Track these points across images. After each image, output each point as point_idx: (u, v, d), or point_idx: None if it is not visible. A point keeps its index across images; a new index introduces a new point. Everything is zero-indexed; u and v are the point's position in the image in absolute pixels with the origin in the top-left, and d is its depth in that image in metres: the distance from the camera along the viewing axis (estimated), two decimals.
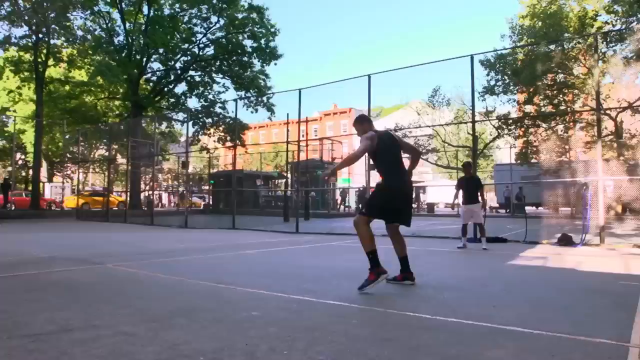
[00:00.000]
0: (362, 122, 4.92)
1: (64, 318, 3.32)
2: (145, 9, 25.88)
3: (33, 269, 5.82)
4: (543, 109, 22.30)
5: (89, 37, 25.39)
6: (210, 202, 30.73)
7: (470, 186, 8.98)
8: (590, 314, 3.59)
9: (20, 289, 4.49)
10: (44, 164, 34.01)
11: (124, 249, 8.64)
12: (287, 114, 19.91)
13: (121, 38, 26.46)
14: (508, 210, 26.39)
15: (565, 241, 9.47)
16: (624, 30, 18.23)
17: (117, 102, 30.02)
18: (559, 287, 4.86)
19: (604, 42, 18.32)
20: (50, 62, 24.66)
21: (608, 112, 20.07)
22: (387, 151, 4.71)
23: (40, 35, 23.77)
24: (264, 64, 27.92)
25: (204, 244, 9.84)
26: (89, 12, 25.00)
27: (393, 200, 4.62)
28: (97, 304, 3.88)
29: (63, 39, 25.05)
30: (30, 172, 34.11)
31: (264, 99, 26.94)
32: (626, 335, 2.95)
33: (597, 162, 9.78)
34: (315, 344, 2.76)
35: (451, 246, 9.36)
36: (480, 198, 9.02)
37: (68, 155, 32.70)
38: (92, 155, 34.32)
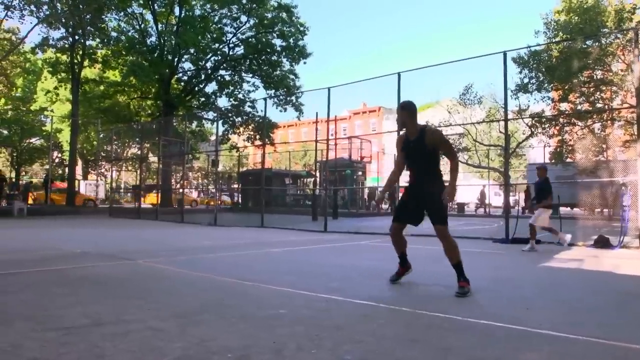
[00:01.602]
0: (404, 109, 4.52)
1: (95, 312, 3.38)
2: (176, 9, 26.36)
3: (66, 263, 5.97)
4: (579, 107, 21.63)
5: (122, 38, 25.99)
6: (239, 200, 31.03)
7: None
8: (627, 320, 3.45)
9: (54, 283, 4.61)
10: (79, 162, 35.06)
11: (153, 246, 8.79)
12: (317, 113, 19.93)
13: (153, 39, 27.05)
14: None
15: (602, 243, 9.14)
16: None
17: (149, 102, 30.66)
18: (595, 290, 4.69)
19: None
20: (86, 63, 25.39)
21: None
22: (408, 154, 4.55)
23: (77, 37, 24.48)
24: (293, 63, 28.04)
25: (232, 241, 9.93)
26: (122, 13, 25.62)
27: (402, 200, 4.69)
28: (127, 299, 3.95)
29: (98, 40, 25.74)
30: (67, 170, 35.23)
31: (293, 98, 27.03)
32: None
33: (636, 161, 9.42)
34: (343, 343, 2.72)
35: (483, 247, 9.17)
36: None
37: (102, 154, 33.60)
38: (124, 154, 35.15)
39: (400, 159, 4.67)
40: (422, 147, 4.33)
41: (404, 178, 5.12)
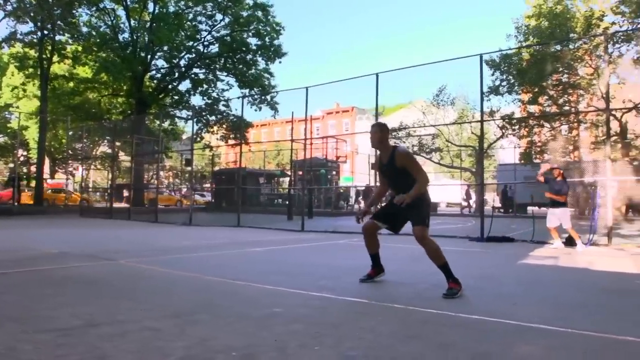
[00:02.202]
0: (383, 131, 4.70)
1: (87, 313, 3.32)
2: (150, 6, 25.86)
3: (46, 264, 5.82)
4: (547, 109, 22.27)
5: (94, 33, 25.37)
6: (213, 200, 30.73)
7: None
8: (611, 313, 3.60)
9: (37, 284, 4.49)
10: (47, 161, 34.04)
11: (132, 245, 8.64)
12: (292, 112, 19.98)
13: (126, 35, 26.47)
14: (511, 210, 26.37)
15: (573, 241, 9.45)
16: (631, 31, 18.19)
17: (120, 99, 30.01)
18: (575, 286, 4.86)
19: (611, 43, 18.28)
20: (55, 58, 24.63)
21: (614, 112, 20.06)
22: (384, 175, 4.80)
23: (46, 32, 23.76)
24: (269, 62, 27.92)
25: (211, 241, 9.84)
26: (94, 8, 24.99)
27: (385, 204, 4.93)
28: (117, 299, 3.88)
29: (68, 35, 25.04)
30: (32, 168, 34.16)
31: (268, 97, 26.93)
32: None
33: (602, 162, 9.78)
34: (344, 340, 2.76)
35: (461, 245, 9.35)
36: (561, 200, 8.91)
37: (70, 152, 32.71)
38: (94, 152, 34.31)
39: (381, 181, 4.95)
40: (394, 169, 4.53)
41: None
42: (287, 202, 22.72)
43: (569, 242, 9.38)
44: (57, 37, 24.60)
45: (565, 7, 21.12)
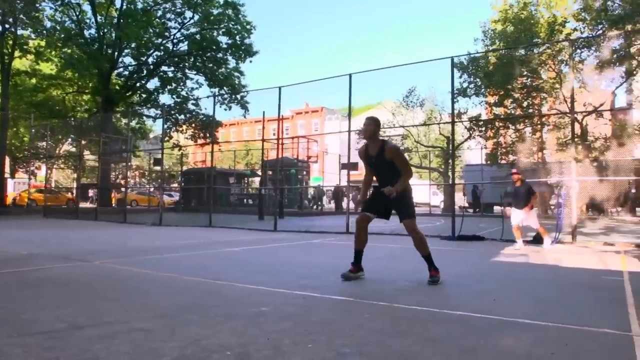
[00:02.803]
0: (376, 125, 5.08)
1: (69, 315, 3.25)
2: (117, 1, 25.27)
3: (18, 266, 5.64)
4: (512, 112, 22.92)
5: (58, 28, 24.56)
6: (182, 200, 30.28)
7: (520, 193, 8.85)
8: (587, 307, 3.76)
9: (12, 287, 4.36)
10: (7, 160, 32.72)
11: (104, 246, 8.45)
12: (264, 112, 19.86)
13: (92, 31, 25.71)
14: (477, 210, 27.00)
15: (539, 239, 9.78)
16: (591, 37, 18.92)
17: (86, 97, 29.18)
18: (549, 282, 5.05)
19: (573, 48, 18.98)
20: (17, 53, 23.76)
21: (576, 115, 20.81)
22: (371, 167, 5.09)
23: (7, 25, 22.87)
24: (239, 61, 27.69)
25: (185, 241, 9.72)
26: (58, 2, 24.20)
27: (371, 195, 5.17)
28: (98, 300, 3.81)
29: (31, 29, 24.17)
30: None
31: (238, 96, 26.71)
32: (626, 325, 3.11)
33: (565, 163, 10.14)
34: (336, 337, 2.80)
35: (433, 244, 9.50)
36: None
37: (32, 151, 31.60)
38: (58, 151, 33.26)
39: (368, 170, 5.22)
40: (383, 161, 4.86)
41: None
42: (257, 202, 22.60)
43: (536, 240, 9.71)
44: (19, 32, 23.74)
45: (530, 13, 21.80)
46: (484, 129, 23.88)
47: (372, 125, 4.99)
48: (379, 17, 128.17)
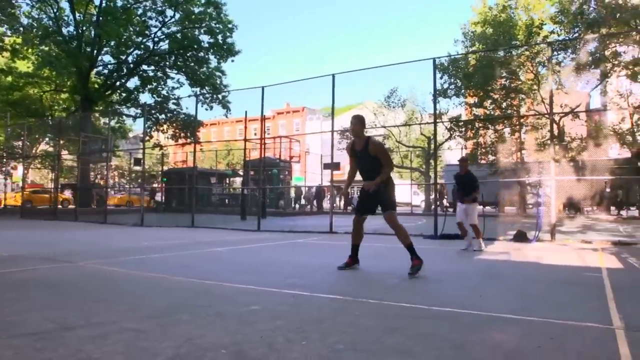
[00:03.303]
0: (362, 123, 5.53)
1: (58, 316, 3.22)
2: None
3: (0, 267, 5.54)
4: (491, 112, 23.30)
5: (35, 25, 24.07)
6: (163, 200, 29.97)
7: (465, 183, 8.33)
8: (569, 302, 3.87)
9: None
10: None
11: (87, 247, 8.33)
12: (246, 112, 19.78)
13: (71, 29, 25.26)
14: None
15: (520, 238, 9.98)
16: (568, 40, 19.36)
17: (64, 96, 28.66)
18: (532, 279, 5.18)
19: (551, 50, 19.40)
20: None
21: (552, 116, 21.23)
22: (356, 161, 5.51)
23: None
24: (221, 61, 27.52)
25: (169, 241, 9.64)
26: None
27: (359, 196, 5.63)
28: (86, 301, 3.77)
29: (7, 26, 23.62)
30: None
31: (220, 96, 26.56)
32: (607, 319, 3.22)
33: (543, 163, 10.36)
34: (329, 334, 2.83)
35: (416, 242, 9.62)
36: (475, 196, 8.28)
37: (8, 151, 30.88)
38: (35, 151, 32.59)
39: (352, 165, 5.68)
40: (367, 156, 5.30)
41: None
42: (239, 202, 22.51)
43: (519, 237, 9.91)
44: None
45: (509, 16, 22.18)
46: (464, 129, 24.21)
47: (358, 124, 5.44)
48: (363, 17, 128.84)
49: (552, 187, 10.25)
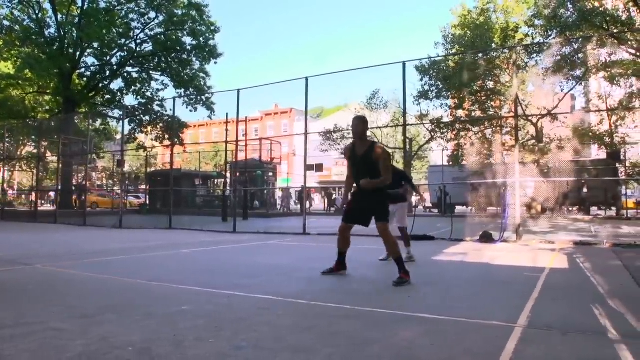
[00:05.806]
0: (365, 124, 5.26)
1: None
2: (79, 0, 24.87)
3: None
4: (473, 114, 23.59)
5: (16, 27, 24.01)
6: (147, 202, 29.97)
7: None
8: (491, 302, 4.05)
9: None
10: None
11: (55, 249, 8.42)
12: (227, 114, 19.87)
13: (53, 30, 25.26)
14: (441, 210, 27.62)
15: (486, 238, 10.18)
16: (543, 43, 19.68)
17: (47, 97, 28.60)
18: (471, 279, 5.35)
19: (526, 53, 19.68)
20: None
21: (529, 118, 21.58)
22: (354, 164, 5.20)
23: None
24: (204, 63, 27.60)
25: (140, 243, 9.75)
26: (17, 0, 23.68)
27: (349, 204, 5.34)
28: (27, 303, 3.91)
29: None
30: None
31: (204, 97, 26.63)
32: (515, 318, 3.39)
33: (510, 165, 10.58)
34: (240, 333, 2.99)
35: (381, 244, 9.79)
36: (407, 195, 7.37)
37: None
38: (18, 153, 32.43)
39: (350, 171, 5.33)
40: (369, 161, 4.99)
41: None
42: (222, 204, 22.60)
43: (485, 237, 10.10)
44: None
45: (487, 19, 22.49)
46: (445, 130, 24.48)
47: (361, 125, 5.16)
48: (363, 16, 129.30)
49: (517, 188, 10.47)
